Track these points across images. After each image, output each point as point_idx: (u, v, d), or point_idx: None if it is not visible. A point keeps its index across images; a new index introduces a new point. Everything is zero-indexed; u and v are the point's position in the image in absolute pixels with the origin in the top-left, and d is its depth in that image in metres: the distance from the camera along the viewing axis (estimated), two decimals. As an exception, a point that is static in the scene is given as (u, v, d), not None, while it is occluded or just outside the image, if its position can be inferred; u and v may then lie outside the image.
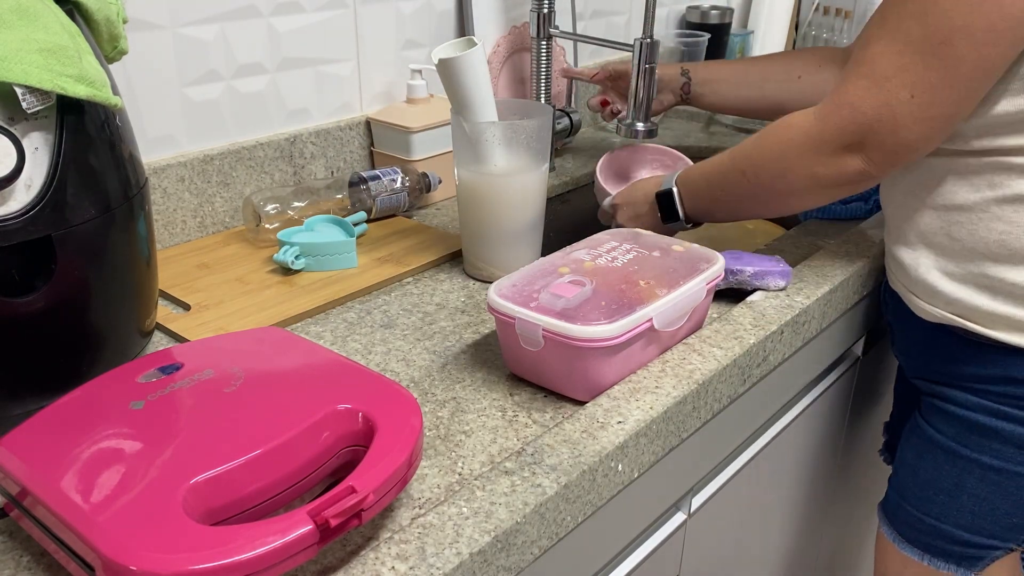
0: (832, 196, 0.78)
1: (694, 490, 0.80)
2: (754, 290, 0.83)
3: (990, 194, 0.73)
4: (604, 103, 1.18)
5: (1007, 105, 0.70)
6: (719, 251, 0.77)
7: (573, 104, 1.30)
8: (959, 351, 0.81)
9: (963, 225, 0.75)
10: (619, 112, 1.17)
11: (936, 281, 0.79)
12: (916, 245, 0.80)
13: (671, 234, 0.93)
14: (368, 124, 1.10)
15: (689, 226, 0.91)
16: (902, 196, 0.81)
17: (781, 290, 0.82)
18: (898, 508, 0.91)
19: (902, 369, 1.03)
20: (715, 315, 0.81)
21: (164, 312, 0.80)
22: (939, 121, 0.69)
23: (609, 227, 1.01)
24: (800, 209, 0.83)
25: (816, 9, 1.87)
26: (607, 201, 1.01)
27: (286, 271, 0.88)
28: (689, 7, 1.65)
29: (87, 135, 0.58)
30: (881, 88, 0.69)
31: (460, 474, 0.58)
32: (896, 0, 0.69)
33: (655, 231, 0.89)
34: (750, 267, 0.81)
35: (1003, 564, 0.88)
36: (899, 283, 0.85)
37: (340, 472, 0.55)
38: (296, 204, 0.95)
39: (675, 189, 0.89)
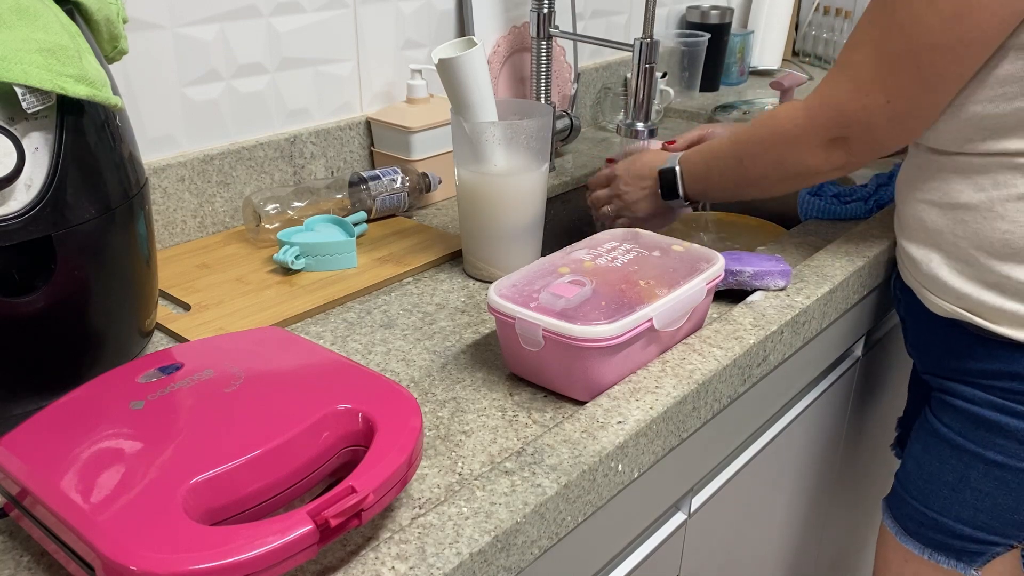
0: (821, 180, 0.85)
1: (694, 490, 0.80)
2: (754, 290, 0.83)
3: (995, 193, 0.75)
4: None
5: (1008, 108, 0.72)
6: (719, 251, 0.77)
7: (574, 108, 1.30)
8: (967, 346, 0.82)
9: (968, 224, 0.78)
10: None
11: (946, 277, 0.81)
12: (925, 242, 0.83)
13: (666, 214, 0.98)
14: (368, 124, 1.10)
15: (687, 204, 0.95)
16: (912, 193, 0.83)
17: (781, 290, 0.82)
18: (902, 501, 0.92)
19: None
20: (715, 315, 0.81)
21: (164, 312, 0.80)
22: (911, 123, 0.77)
23: (598, 194, 1.02)
24: (792, 190, 0.89)
25: (816, 9, 1.87)
26: (606, 170, 1.01)
27: (286, 271, 0.88)
28: (689, 7, 1.65)
29: (87, 135, 0.58)
30: (862, 92, 0.76)
31: (460, 474, 0.58)
32: (883, 10, 0.74)
33: (651, 208, 0.95)
34: (750, 267, 0.81)
35: (1004, 561, 0.88)
36: (912, 278, 0.87)
37: (340, 472, 0.55)
38: (296, 204, 0.95)
39: (678, 168, 0.94)
